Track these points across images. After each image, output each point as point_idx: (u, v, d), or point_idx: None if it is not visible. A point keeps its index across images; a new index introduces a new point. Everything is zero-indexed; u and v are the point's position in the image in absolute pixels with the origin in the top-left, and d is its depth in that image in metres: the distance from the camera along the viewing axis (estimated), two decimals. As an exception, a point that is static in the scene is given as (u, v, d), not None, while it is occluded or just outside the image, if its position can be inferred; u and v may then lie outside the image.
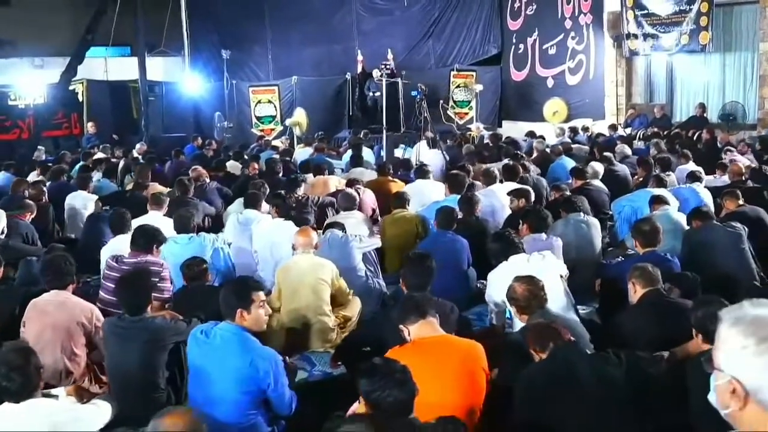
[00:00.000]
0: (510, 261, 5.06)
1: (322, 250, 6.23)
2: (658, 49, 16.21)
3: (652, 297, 4.33)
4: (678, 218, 6.77)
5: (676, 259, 5.40)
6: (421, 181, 8.67)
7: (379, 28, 20.14)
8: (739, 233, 5.91)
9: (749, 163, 10.44)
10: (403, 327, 3.81)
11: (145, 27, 19.00)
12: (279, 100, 19.25)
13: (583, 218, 6.68)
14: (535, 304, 4.23)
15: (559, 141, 14.67)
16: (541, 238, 5.99)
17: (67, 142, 17.13)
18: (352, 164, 10.76)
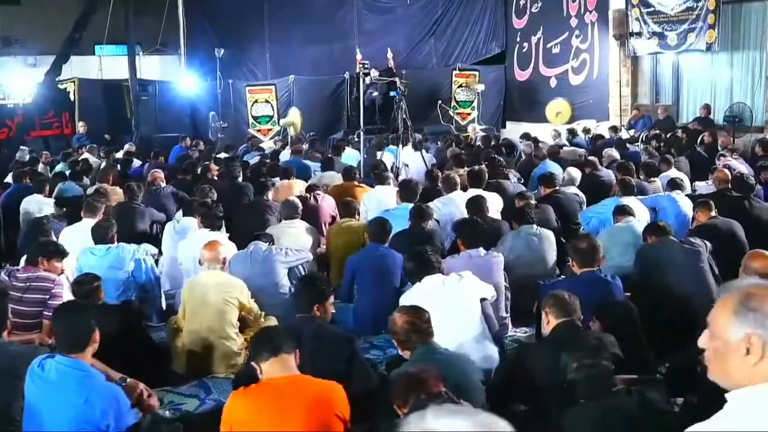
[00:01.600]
0: (423, 283, 4.54)
1: (244, 264, 5.77)
2: (664, 48, 15.53)
3: (563, 331, 3.78)
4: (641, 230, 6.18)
5: (618, 280, 4.84)
6: (380, 187, 8.14)
7: (381, 26, 19.68)
8: (697, 251, 5.33)
9: (744, 168, 9.78)
10: (254, 364, 3.31)
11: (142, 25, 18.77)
12: (276, 100, 18.86)
13: (536, 231, 6.13)
14: (416, 339, 3.71)
15: (555, 143, 14.08)
16: (478, 254, 5.45)
17: (58, 141, 16.79)
18: (323, 168, 10.25)
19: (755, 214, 6.96)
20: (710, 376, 1.97)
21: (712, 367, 1.96)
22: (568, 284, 4.77)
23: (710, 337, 1.96)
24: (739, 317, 1.88)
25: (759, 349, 1.86)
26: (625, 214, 6.37)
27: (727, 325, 1.90)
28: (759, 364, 1.86)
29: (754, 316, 1.86)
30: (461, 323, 4.38)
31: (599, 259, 4.85)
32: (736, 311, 1.89)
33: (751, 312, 1.87)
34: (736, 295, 1.93)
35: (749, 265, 4.32)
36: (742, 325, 1.87)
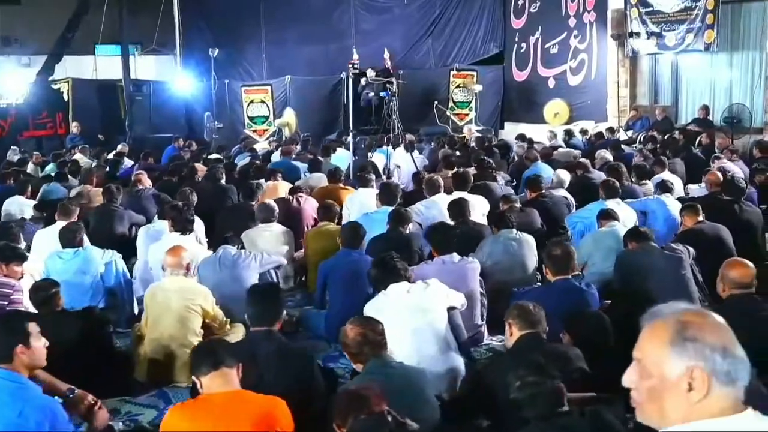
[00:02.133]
0: (388, 291, 4.37)
1: (212, 269, 5.61)
2: (662, 48, 15.32)
3: (527, 343, 3.60)
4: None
5: (593, 289, 4.66)
6: (363, 189, 7.96)
7: (378, 26, 19.53)
8: (679, 257, 5.14)
9: (740, 171, 9.59)
10: (195, 379, 3.15)
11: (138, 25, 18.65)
12: (272, 100, 18.72)
13: (515, 235, 5.95)
14: (369, 351, 3.54)
15: (549, 145, 13.89)
16: (452, 259, 5.28)
17: (51, 142, 16.68)
18: (309, 169, 10.08)
19: (745, 218, 6.78)
20: (640, 419, 1.73)
21: (645, 408, 1.71)
22: (542, 292, 4.61)
23: (640, 375, 1.71)
24: (677, 349, 1.64)
25: (703, 384, 1.63)
26: (609, 219, 6.18)
27: (663, 359, 1.66)
28: (703, 401, 1.64)
29: (694, 347, 1.63)
30: (426, 333, 4.21)
31: (574, 267, 4.68)
32: (673, 342, 1.65)
33: (690, 342, 1.64)
34: (669, 324, 1.68)
35: (727, 274, 4.14)
36: (680, 358, 1.64)
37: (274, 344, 3.85)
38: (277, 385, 3.63)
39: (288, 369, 3.77)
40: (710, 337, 1.65)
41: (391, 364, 3.59)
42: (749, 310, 4.03)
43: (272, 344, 3.85)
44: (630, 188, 8.35)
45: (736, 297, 4.08)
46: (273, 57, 19.21)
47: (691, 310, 1.74)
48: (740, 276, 4.07)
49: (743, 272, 4.08)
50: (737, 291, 4.07)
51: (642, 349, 1.72)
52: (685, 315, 1.71)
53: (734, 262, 4.20)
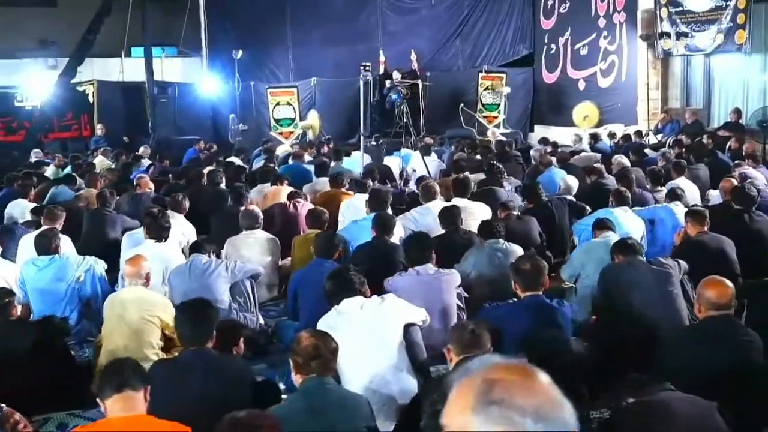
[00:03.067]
0: (341, 306, 4.13)
1: (182, 278, 5.43)
2: (692, 49, 14.82)
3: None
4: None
5: (566, 306, 4.36)
6: (360, 195, 7.71)
7: (405, 27, 19.28)
8: (667, 272, 4.80)
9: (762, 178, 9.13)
10: (99, 401, 2.95)
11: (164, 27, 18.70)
12: (298, 102, 18.55)
13: (502, 246, 5.66)
14: (316, 367, 3.31)
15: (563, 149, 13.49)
16: (426, 271, 5.02)
17: (76, 144, 16.78)
18: (317, 174, 9.88)
19: (755, 228, 6.38)
20: None
21: None
22: (509, 310, 4.34)
23: None
24: (480, 416, 1.37)
25: None
26: (604, 229, 5.86)
27: (466, 426, 1.38)
28: None
29: (500, 411, 1.36)
30: (378, 352, 3.96)
31: (545, 282, 4.38)
32: (475, 408, 1.37)
33: (496, 405, 1.37)
34: (475, 384, 1.40)
35: (703, 293, 3.81)
36: (484, 425, 1.37)
37: (205, 364, 3.64)
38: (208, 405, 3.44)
39: (219, 388, 3.57)
40: (520, 399, 1.36)
41: (331, 390, 3.35)
42: (725, 334, 3.70)
43: (203, 363, 3.64)
44: (641, 195, 7.99)
45: (712, 319, 3.75)
46: (299, 58, 19.09)
47: (502, 365, 1.44)
48: (717, 296, 3.74)
49: (720, 292, 3.75)
50: (714, 312, 3.75)
51: (447, 415, 1.43)
52: (494, 371, 1.40)
53: (711, 280, 3.86)
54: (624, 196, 6.84)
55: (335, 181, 8.66)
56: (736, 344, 3.66)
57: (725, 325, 3.73)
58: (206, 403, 3.49)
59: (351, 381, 3.90)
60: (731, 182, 7.78)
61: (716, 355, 3.58)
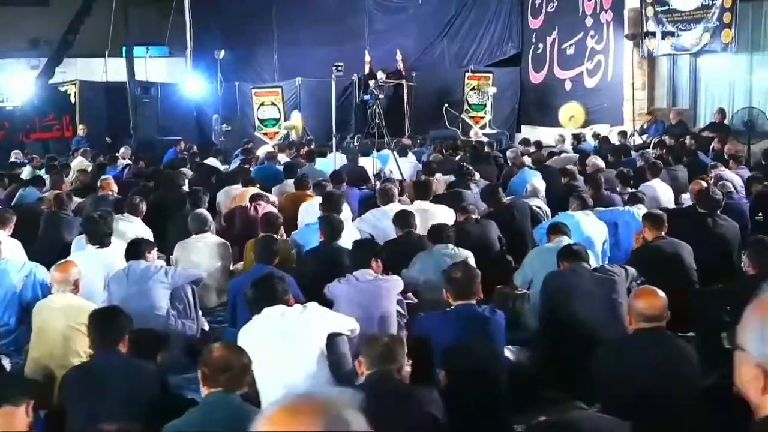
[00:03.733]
0: (261, 315, 3.96)
1: (120, 284, 5.26)
2: (679, 49, 14.65)
3: (373, 384, 3.16)
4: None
5: (499, 315, 4.18)
6: (319, 198, 7.51)
7: (392, 27, 19.07)
8: (611, 280, 4.62)
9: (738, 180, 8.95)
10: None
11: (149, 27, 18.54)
12: (283, 102, 18.40)
13: (450, 251, 5.49)
14: (224, 381, 3.16)
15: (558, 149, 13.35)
16: (364, 277, 4.85)
17: (57, 144, 16.61)
18: (285, 175, 9.69)
19: (719, 233, 6.20)
20: None
21: None
22: (439, 319, 4.16)
23: None
24: None
25: None
26: (559, 233, 5.67)
27: None
28: None
29: None
30: (295, 363, 3.79)
31: (477, 291, 4.20)
32: None
33: None
34: None
35: (634, 304, 3.63)
36: None
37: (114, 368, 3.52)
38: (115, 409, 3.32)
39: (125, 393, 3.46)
40: None
41: (233, 403, 3.18)
42: (656, 347, 3.52)
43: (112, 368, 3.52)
44: (609, 197, 7.82)
45: (643, 332, 3.57)
46: (285, 59, 18.88)
47: None
48: (648, 307, 3.56)
49: (651, 303, 3.57)
50: (645, 324, 3.56)
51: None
52: None
53: (642, 291, 3.68)
54: (585, 200, 6.65)
55: (300, 184, 8.49)
56: (667, 358, 3.48)
57: (656, 338, 3.55)
58: (113, 407, 3.37)
59: (267, 394, 3.74)
60: (700, 184, 7.62)
61: (646, 369, 3.40)
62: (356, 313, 4.79)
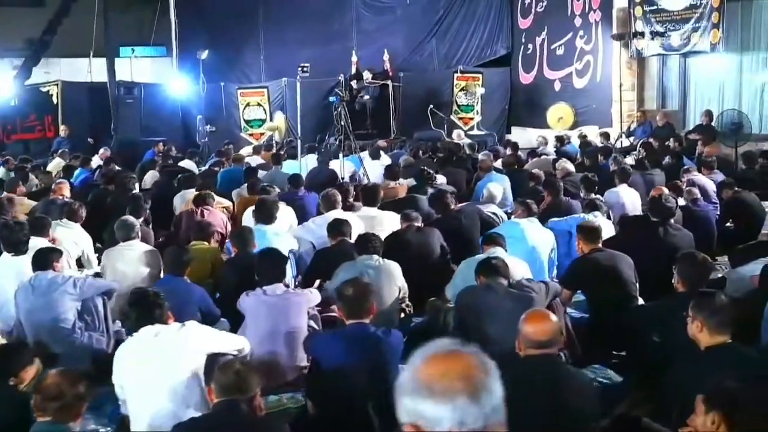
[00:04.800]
0: (138, 334, 3.69)
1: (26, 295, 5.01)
2: (668, 49, 14.31)
3: (217, 414, 2.88)
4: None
5: (393, 336, 3.88)
6: (265, 203, 7.24)
7: (380, 27, 18.76)
8: (529, 298, 4.31)
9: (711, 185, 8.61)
10: None
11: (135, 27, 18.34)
12: (268, 103, 18.14)
13: (374, 262, 5.20)
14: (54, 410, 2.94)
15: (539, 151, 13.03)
16: (274, 291, 4.57)
17: (38, 145, 16.44)
18: (245, 179, 9.42)
19: (670, 242, 5.87)
20: None
21: None
22: (330, 339, 3.87)
23: None
24: None
25: None
26: (492, 243, 5.37)
27: None
28: None
29: None
30: (165, 385, 3.52)
31: (371, 309, 3.91)
32: None
33: None
34: None
35: (522, 329, 3.31)
36: None
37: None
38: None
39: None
40: None
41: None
42: (544, 376, 3.21)
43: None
44: (568, 204, 7.50)
45: (530, 359, 3.26)
46: (272, 59, 18.60)
47: None
48: (536, 332, 3.25)
49: (540, 328, 3.25)
50: (534, 351, 3.25)
51: None
52: None
53: (531, 314, 3.36)
54: (530, 206, 6.34)
55: (252, 188, 8.23)
56: (555, 389, 3.17)
57: (544, 367, 3.24)
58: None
59: (136, 419, 3.47)
60: (661, 191, 7.29)
61: (530, 401, 3.10)
62: (263, 327, 4.55)
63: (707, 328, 3.38)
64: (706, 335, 3.39)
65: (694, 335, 3.45)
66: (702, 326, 3.40)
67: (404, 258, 6.10)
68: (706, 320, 3.39)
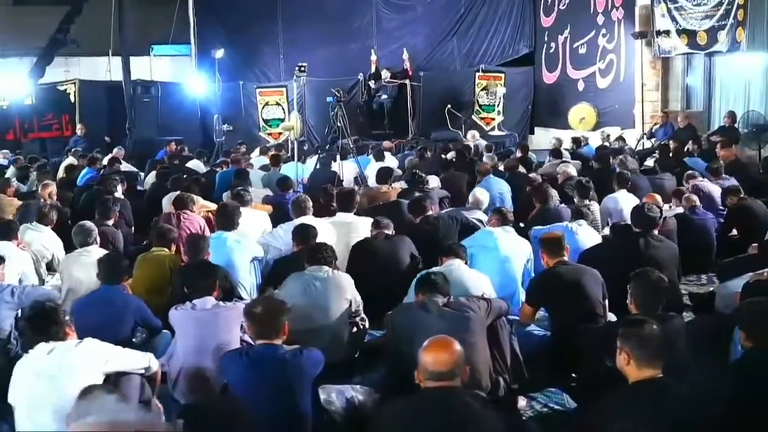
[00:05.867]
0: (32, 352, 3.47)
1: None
2: (693, 47, 13.70)
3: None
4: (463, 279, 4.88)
5: (306, 357, 3.59)
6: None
7: (401, 25, 18.52)
8: (464, 317, 3.97)
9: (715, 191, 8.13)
10: None
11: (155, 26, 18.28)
12: (287, 102, 17.98)
13: (323, 274, 4.90)
14: None
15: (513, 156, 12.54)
16: (203, 305, 4.32)
17: (55, 144, 16.48)
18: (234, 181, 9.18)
19: (649, 255, 5.46)
20: None
21: None
22: (236, 360, 3.60)
23: None
24: None
25: None
26: (450, 255, 5.04)
27: None
28: None
29: None
30: (51, 405, 3.28)
31: (282, 329, 3.63)
32: None
33: None
34: None
35: (421, 358, 2.99)
36: None
37: None
38: None
39: None
40: None
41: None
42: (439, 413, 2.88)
43: None
44: (556, 211, 7.13)
45: (427, 392, 2.94)
46: (290, 57, 18.35)
47: None
48: (434, 362, 2.92)
49: (438, 358, 2.92)
50: (431, 383, 2.93)
51: None
52: None
53: (431, 343, 3.01)
54: (505, 215, 6.00)
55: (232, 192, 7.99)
56: (450, 426, 2.85)
57: (441, 401, 2.91)
58: None
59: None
60: (654, 198, 6.87)
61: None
62: (190, 343, 4.32)
63: (634, 360, 3.04)
64: (633, 368, 3.05)
65: (622, 367, 3.10)
66: (629, 358, 3.05)
67: (371, 267, 5.85)
68: (632, 351, 3.04)
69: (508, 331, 4.20)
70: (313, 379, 3.59)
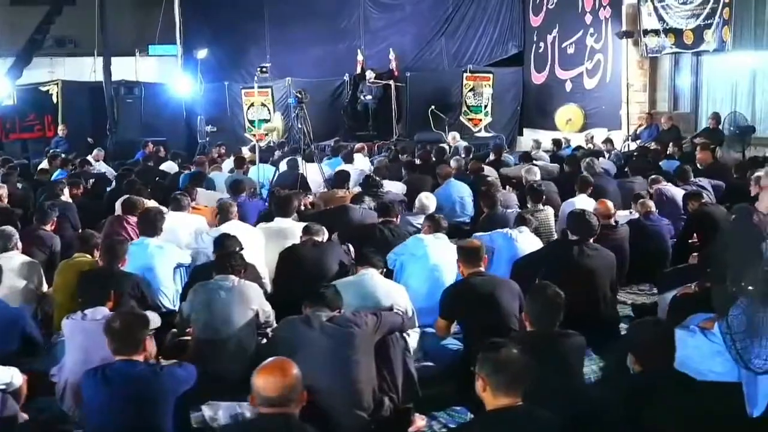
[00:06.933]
0: None
1: None
2: (679, 46, 13.40)
3: None
4: (375, 289, 4.64)
5: (168, 373, 3.36)
6: (174, 213, 6.76)
7: (388, 25, 18.33)
8: (347, 333, 3.72)
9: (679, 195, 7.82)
10: None
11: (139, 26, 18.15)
12: (272, 103, 17.77)
13: (228, 283, 4.67)
14: None
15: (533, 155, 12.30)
16: (93, 316, 4.11)
17: (37, 144, 16.34)
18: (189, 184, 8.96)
19: (582, 264, 5.20)
20: None
21: None
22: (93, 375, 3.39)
23: None
24: None
25: None
26: (366, 264, 4.80)
27: None
28: None
29: None
30: None
31: (141, 343, 3.40)
32: None
33: None
34: None
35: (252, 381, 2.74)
36: None
37: None
38: None
39: None
40: None
41: None
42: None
43: None
44: (503, 216, 6.87)
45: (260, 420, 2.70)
46: (278, 58, 18.16)
47: None
48: (266, 388, 2.64)
49: (268, 384, 2.65)
50: (266, 409, 2.69)
51: None
52: None
53: (264, 367, 2.68)
54: (438, 221, 5.75)
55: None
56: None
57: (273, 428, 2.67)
58: None
59: None
60: (605, 204, 6.59)
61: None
62: (77, 355, 4.10)
63: (490, 387, 2.79)
64: (489, 395, 2.80)
65: (480, 394, 2.85)
66: (485, 385, 2.80)
67: (297, 275, 5.62)
68: (488, 377, 2.79)
69: (401, 348, 3.95)
70: (179, 396, 3.36)
